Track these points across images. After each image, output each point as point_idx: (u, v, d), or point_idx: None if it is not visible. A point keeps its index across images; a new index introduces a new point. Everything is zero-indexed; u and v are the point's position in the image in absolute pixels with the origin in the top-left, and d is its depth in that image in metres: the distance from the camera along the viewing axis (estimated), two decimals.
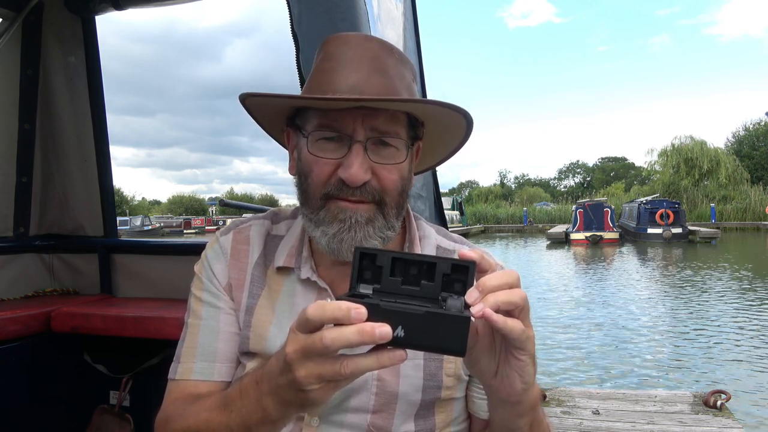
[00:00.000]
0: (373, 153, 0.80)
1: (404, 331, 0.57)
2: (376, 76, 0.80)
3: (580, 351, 7.20)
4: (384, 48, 0.84)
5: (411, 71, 0.88)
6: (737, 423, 3.21)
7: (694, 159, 42.10)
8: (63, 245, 2.31)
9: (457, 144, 0.95)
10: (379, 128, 0.80)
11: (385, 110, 0.80)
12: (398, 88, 0.81)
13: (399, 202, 0.84)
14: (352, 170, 0.78)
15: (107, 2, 2.22)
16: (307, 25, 1.30)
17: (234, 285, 0.93)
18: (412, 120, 0.85)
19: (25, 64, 2.19)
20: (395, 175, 0.82)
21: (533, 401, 0.70)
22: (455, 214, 36.79)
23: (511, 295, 0.60)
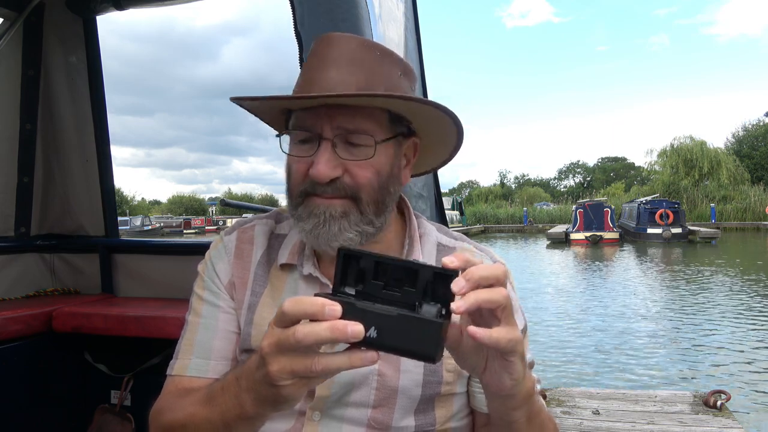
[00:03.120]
0: (343, 150, 0.81)
1: (377, 332, 0.57)
2: (350, 74, 0.81)
3: (580, 351, 7.20)
4: (364, 45, 0.84)
5: (399, 66, 0.87)
6: (737, 423, 3.22)
7: (694, 159, 42.09)
8: (64, 245, 2.31)
9: (451, 143, 0.93)
10: (345, 126, 0.81)
11: (355, 107, 0.80)
12: (373, 84, 0.81)
13: (378, 197, 0.84)
14: (317, 167, 0.80)
15: (108, 2, 2.22)
16: (308, 24, 1.31)
17: (237, 284, 0.94)
18: (395, 116, 0.85)
19: (26, 64, 2.19)
20: (368, 172, 0.82)
21: (526, 394, 0.70)
22: (455, 214, 36.80)
23: (493, 293, 0.59)
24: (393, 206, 0.89)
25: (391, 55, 0.86)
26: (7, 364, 1.84)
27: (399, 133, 0.86)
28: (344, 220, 0.82)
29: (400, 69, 0.87)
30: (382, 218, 0.86)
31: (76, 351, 2.04)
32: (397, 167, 0.87)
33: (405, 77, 0.87)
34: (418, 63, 2.03)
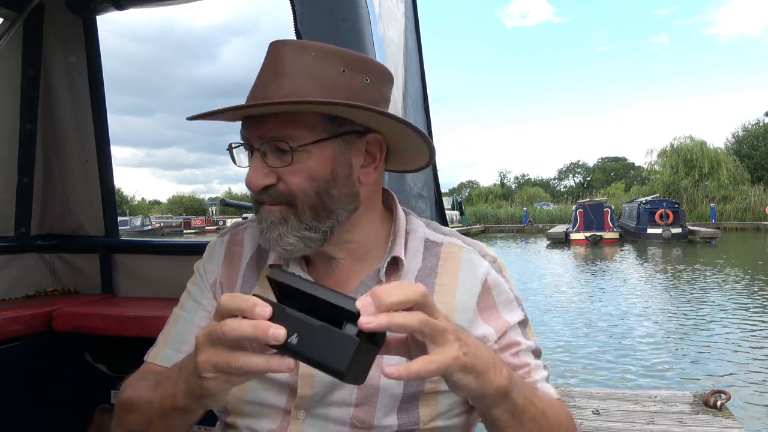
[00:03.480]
0: (275, 158, 0.82)
1: (297, 340, 0.58)
2: (275, 82, 0.81)
3: (580, 351, 7.20)
4: (296, 48, 0.83)
5: (344, 62, 0.83)
6: (737, 423, 3.22)
7: (694, 159, 42.09)
8: (64, 245, 2.31)
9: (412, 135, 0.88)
10: (268, 134, 0.81)
11: (281, 114, 0.80)
12: (302, 89, 0.80)
13: (316, 203, 0.83)
14: (247, 177, 0.83)
15: (108, 2, 2.22)
16: (308, 24, 1.30)
17: (225, 285, 0.96)
18: (334, 117, 0.82)
19: (26, 64, 2.19)
20: (298, 178, 0.81)
21: (496, 394, 0.70)
22: (455, 214, 36.79)
23: (407, 318, 0.59)
24: (350, 208, 0.86)
25: (332, 53, 0.83)
26: (7, 364, 1.84)
27: (342, 132, 0.83)
28: (283, 226, 0.83)
29: (345, 65, 0.83)
30: (330, 222, 0.85)
31: (76, 351, 2.04)
32: (344, 168, 0.84)
33: (355, 72, 0.84)
34: (417, 63, 2.03)
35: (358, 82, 0.84)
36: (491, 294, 0.89)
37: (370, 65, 0.87)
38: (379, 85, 0.87)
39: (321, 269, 0.92)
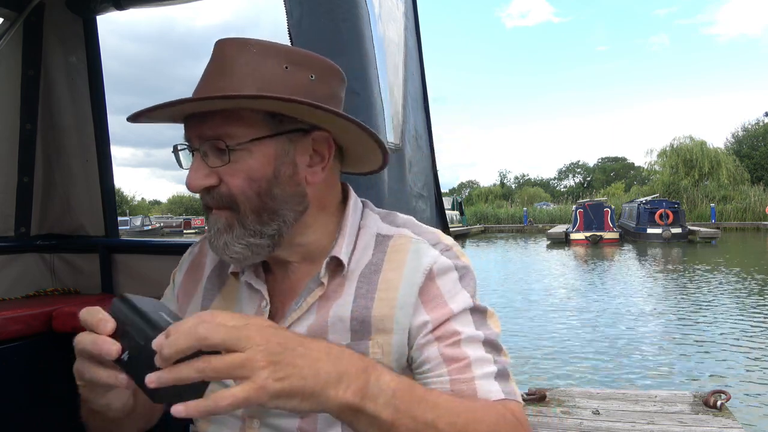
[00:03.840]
0: (215, 158, 0.79)
1: (128, 358, 0.61)
2: (216, 80, 0.80)
3: (580, 351, 7.20)
4: (238, 45, 0.81)
5: (286, 59, 0.81)
6: (737, 423, 3.22)
7: (694, 159, 42.09)
8: (64, 245, 2.31)
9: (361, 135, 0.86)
10: (206, 133, 0.79)
11: (219, 112, 0.78)
12: (240, 86, 0.78)
13: (258, 205, 0.80)
14: (187, 177, 0.80)
15: (108, 2, 2.22)
16: (308, 24, 1.30)
17: (187, 294, 0.98)
18: (277, 114, 0.80)
19: (26, 64, 2.19)
20: (237, 179, 0.79)
21: (341, 409, 0.63)
22: (455, 214, 36.80)
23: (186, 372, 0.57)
24: (297, 209, 0.84)
25: (275, 49, 0.82)
26: (7, 364, 1.84)
27: (285, 130, 0.81)
28: (228, 234, 0.81)
29: (288, 61, 0.81)
30: (275, 225, 0.82)
31: None
32: (287, 167, 0.81)
33: (299, 68, 0.82)
34: (417, 62, 2.03)
35: (303, 79, 0.82)
36: (436, 284, 0.83)
37: (317, 62, 0.85)
38: (326, 83, 0.85)
39: (279, 274, 0.91)
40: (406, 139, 1.71)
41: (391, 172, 1.50)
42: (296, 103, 0.77)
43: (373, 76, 1.40)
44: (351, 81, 1.34)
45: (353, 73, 1.33)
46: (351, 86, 1.34)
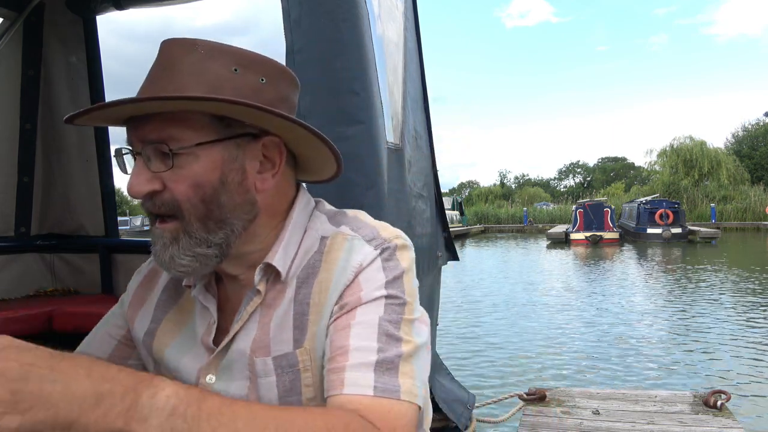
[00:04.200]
0: (158, 162, 0.75)
1: None
2: (159, 81, 0.76)
3: (580, 351, 7.20)
4: (184, 46, 0.78)
5: (235, 61, 0.78)
6: (737, 423, 3.21)
7: (694, 159, 42.09)
8: (64, 245, 2.31)
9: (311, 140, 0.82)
10: (147, 137, 0.75)
11: (157, 115, 0.75)
12: (180, 88, 0.75)
13: (204, 213, 0.76)
14: (128, 182, 0.76)
15: (108, 2, 2.23)
16: (308, 24, 1.30)
17: (139, 302, 0.95)
18: (224, 117, 0.76)
19: (26, 64, 2.19)
20: (182, 185, 0.75)
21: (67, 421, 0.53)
22: (455, 214, 36.79)
23: None
24: (246, 218, 0.80)
25: (223, 51, 0.79)
26: None
27: (233, 135, 0.77)
28: (174, 246, 0.77)
29: (236, 63, 0.78)
30: (222, 234, 0.78)
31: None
32: (236, 174, 0.78)
33: (248, 71, 0.79)
34: (417, 62, 2.03)
35: (252, 82, 0.79)
36: (359, 279, 0.78)
37: (269, 65, 0.82)
38: (277, 86, 0.82)
39: (229, 287, 0.87)
40: (406, 139, 1.72)
41: (391, 172, 1.50)
42: (244, 106, 0.73)
43: (372, 76, 1.40)
44: (351, 81, 1.34)
45: (353, 73, 1.33)
46: (351, 86, 1.34)
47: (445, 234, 2.27)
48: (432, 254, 2.03)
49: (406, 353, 0.75)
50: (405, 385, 0.72)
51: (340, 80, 1.31)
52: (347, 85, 1.32)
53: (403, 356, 0.74)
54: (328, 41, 1.30)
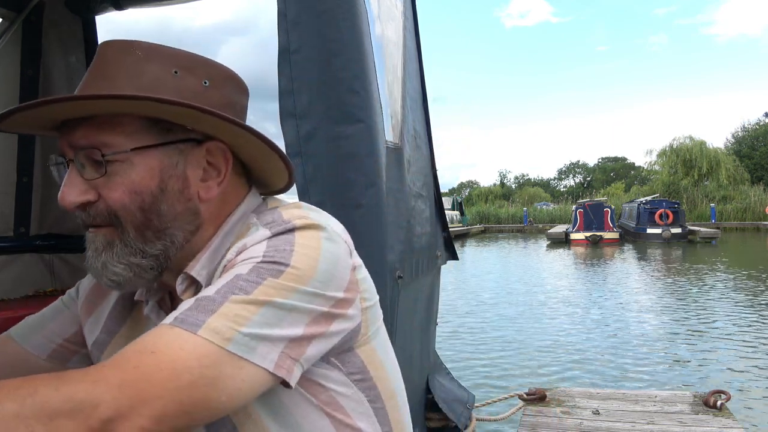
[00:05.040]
0: (91, 170, 0.71)
1: None
2: (92, 84, 0.72)
3: (579, 351, 7.20)
4: (121, 48, 0.74)
5: (176, 63, 0.75)
6: (737, 423, 3.21)
7: (693, 160, 42.09)
8: (64, 245, 2.31)
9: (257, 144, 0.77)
10: (77, 143, 0.71)
11: (88, 120, 0.70)
12: (113, 90, 0.71)
13: (142, 221, 0.72)
14: (60, 193, 0.73)
15: (108, 2, 2.23)
16: (306, 24, 1.30)
17: (91, 306, 0.90)
18: (161, 121, 0.72)
19: (25, 64, 2.19)
20: (117, 192, 0.71)
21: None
22: (455, 214, 36.79)
23: None
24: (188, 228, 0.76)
25: (162, 53, 0.75)
26: None
27: (172, 140, 0.73)
28: (107, 252, 0.73)
29: (177, 66, 0.74)
30: (160, 245, 0.74)
31: None
32: (176, 181, 0.74)
33: (190, 74, 0.75)
34: (417, 62, 2.03)
35: (194, 85, 0.75)
36: (236, 260, 0.70)
37: (213, 68, 0.78)
38: (222, 90, 0.78)
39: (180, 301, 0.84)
40: (405, 138, 1.72)
41: (390, 172, 1.50)
42: (179, 106, 0.68)
43: (372, 75, 1.40)
44: (350, 80, 1.34)
45: (352, 71, 1.33)
46: (350, 85, 1.34)
47: (444, 234, 2.27)
48: (431, 254, 2.03)
49: (242, 299, 0.63)
50: (214, 324, 0.61)
51: (339, 79, 1.31)
52: (346, 84, 1.32)
53: (233, 300, 0.63)
54: (327, 40, 1.30)
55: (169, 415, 0.56)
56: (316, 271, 0.68)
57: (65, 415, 0.51)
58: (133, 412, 0.54)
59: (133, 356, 0.58)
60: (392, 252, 1.48)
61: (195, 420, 0.59)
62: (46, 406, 0.50)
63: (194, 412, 0.58)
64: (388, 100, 1.59)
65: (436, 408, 2.00)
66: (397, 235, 1.56)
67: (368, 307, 0.78)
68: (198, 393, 0.58)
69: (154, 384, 0.56)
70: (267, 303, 0.64)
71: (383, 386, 0.81)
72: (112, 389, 0.54)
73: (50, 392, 0.52)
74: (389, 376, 0.83)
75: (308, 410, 0.74)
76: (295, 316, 0.66)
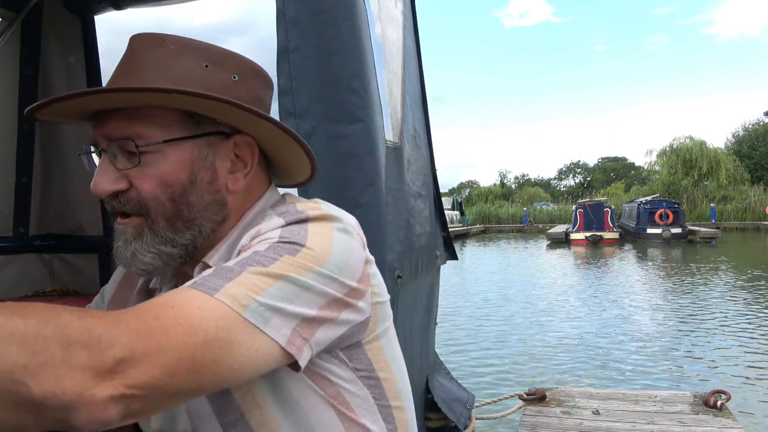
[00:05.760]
0: (124, 160, 0.73)
1: None
2: (124, 76, 0.74)
3: (580, 351, 7.20)
4: (152, 41, 0.76)
5: (206, 57, 0.76)
6: (737, 423, 3.21)
7: (693, 160, 42.08)
8: (63, 245, 2.31)
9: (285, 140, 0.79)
10: (110, 134, 0.73)
11: (122, 111, 0.72)
12: (145, 82, 0.72)
13: (171, 212, 0.74)
14: (93, 181, 0.74)
15: (107, 2, 2.22)
16: (305, 23, 1.30)
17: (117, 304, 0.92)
18: (194, 114, 0.74)
19: (24, 64, 2.19)
20: (148, 183, 0.73)
21: None
22: (455, 214, 36.79)
23: None
24: (215, 219, 0.78)
25: (194, 46, 0.77)
26: None
27: (203, 133, 0.75)
28: (137, 241, 0.75)
29: (207, 60, 0.76)
30: (189, 235, 0.76)
31: None
32: (206, 173, 0.76)
33: (220, 68, 0.77)
34: (416, 62, 2.03)
35: (223, 79, 0.77)
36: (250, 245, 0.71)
37: (242, 63, 0.80)
38: (250, 85, 0.80)
39: None
40: (405, 138, 1.71)
41: (390, 171, 1.50)
42: (214, 100, 0.70)
43: (371, 75, 1.40)
44: (350, 79, 1.34)
45: (352, 71, 1.33)
46: (350, 84, 1.34)
47: (444, 233, 2.27)
48: (431, 253, 2.03)
49: (259, 271, 0.64)
50: (231, 290, 0.61)
51: (338, 78, 1.31)
52: (346, 83, 1.32)
53: (250, 271, 0.64)
54: (327, 39, 1.30)
55: (181, 369, 0.55)
56: (331, 255, 0.69)
57: (81, 345, 0.51)
58: (146, 359, 0.54)
59: (153, 308, 0.58)
60: (392, 252, 1.47)
61: (204, 382, 0.59)
62: (66, 331, 0.51)
63: (205, 373, 0.58)
64: (388, 100, 1.58)
65: (436, 408, 1.99)
66: (397, 235, 1.55)
67: (378, 303, 0.78)
68: (211, 353, 0.58)
69: (171, 336, 0.56)
70: (284, 277, 0.64)
71: (389, 386, 0.82)
72: (130, 333, 0.54)
73: (73, 320, 0.52)
74: (396, 377, 0.84)
75: (315, 402, 0.74)
76: (310, 295, 0.66)
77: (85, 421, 0.50)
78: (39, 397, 0.47)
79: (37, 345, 0.48)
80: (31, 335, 0.48)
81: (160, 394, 0.55)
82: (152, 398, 0.54)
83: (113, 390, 0.51)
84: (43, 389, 0.48)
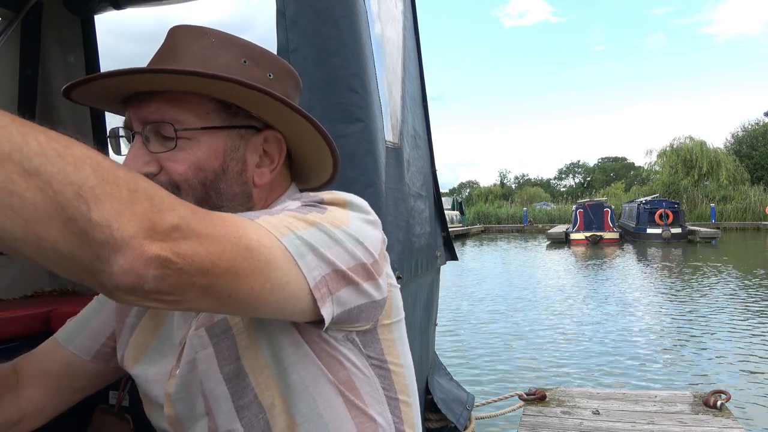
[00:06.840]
0: (157, 144, 0.74)
1: None
2: (163, 63, 0.75)
3: (580, 351, 7.20)
4: (194, 32, 0.77)
5: (245, 53, 0.78)
6: (737, 423, 3.21)
7: (693, 160, 42.08)
8: None
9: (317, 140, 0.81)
10: (147, 118, 0.74)
11: (161, 95, 0.73)
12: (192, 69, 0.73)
13: (202, 196, 0.75)
14: (124, 162, 0.74)
15: (106, 2, 2.22)
16: (305, 23, 1.30)
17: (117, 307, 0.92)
18: (230, 105, 0.76)
19: (24, 64, 2.19)
20: (182, 165, 0.73)
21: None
22: (455, 214, 36.79)
23: None
24: (240, 210, 0.78)
25: (234, 42, 0.78)
26: None
27: (237, 124, 0.77)
28: None
29: (246, 56, 0.78)
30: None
31: None
32: (237, 164, 0.77)
33: (257, 65, 0.78)
34: (416, 62, 2.02)
35: (260, 76, 0.78)
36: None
37: (278, 63, 0.82)
38: (283, 84, 0.81)
39: None
40: (405, 138, 1.71)
41: (390, 171, 1.49)
42: (259, 92, 0.72)
43: (371, 75, 1.39)
44: (349, 79, 1.34)
45: (351, 70, 1.33)
46: (349, 84, 1.34)
47: (444, 234, 2.27)
48: (431, 254, 2.03)
49: (295, 215, 0.67)
50: (271, 221, 0.64)
51: (338, 78, 1.31)
52: (346, 83, 1.32)
53: (287, 215, 0.67)
54: (326, 39, 1.30)
55: (222, 263, 0.55)
56: (352, 223, 0.72)
57: (147, 197, 0.50)
58: (197, 237, 0.53)
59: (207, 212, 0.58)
60: (391, 252, 1.47)
61: (238, 291, 0.58)
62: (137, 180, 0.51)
63: (241, 278, 0.57)
64: (388, 100, 1.58)
65: (435, 408, 1.99)
66: (397, 235, 1.55)
67: (393, 287, 0.80)
68: (251, 263, 0.58)
69: (221, 231, 0.56)
70: (318, 224, 0.67)
71: (398, 379, 0.84)
72: (189, 210, 0.54)
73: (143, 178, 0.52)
74: (405, 372, 0.85)
75: (325, 387, 0.75)
76: (340, 250, 0.68)
77: (125, 268, 0.48)
78: (95, 221, 0.46)
79: (108, 176, 0.48)
80: (107, 167, 0.49)
81: (196, 278, 0.53)
82: (187, 278, 0.52)
83: (161, 250, 0.50)
84: (101, 215, 0.47)
